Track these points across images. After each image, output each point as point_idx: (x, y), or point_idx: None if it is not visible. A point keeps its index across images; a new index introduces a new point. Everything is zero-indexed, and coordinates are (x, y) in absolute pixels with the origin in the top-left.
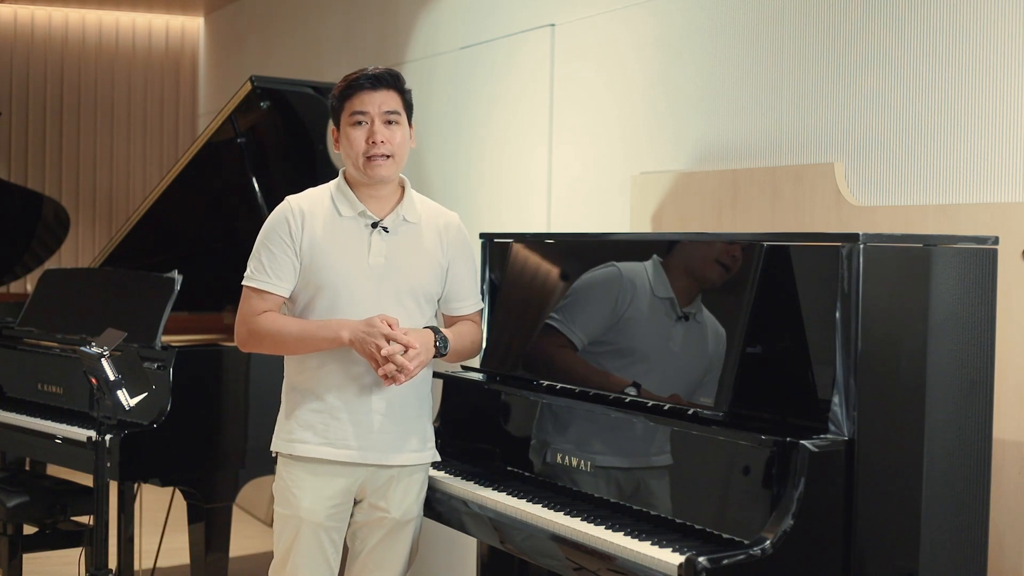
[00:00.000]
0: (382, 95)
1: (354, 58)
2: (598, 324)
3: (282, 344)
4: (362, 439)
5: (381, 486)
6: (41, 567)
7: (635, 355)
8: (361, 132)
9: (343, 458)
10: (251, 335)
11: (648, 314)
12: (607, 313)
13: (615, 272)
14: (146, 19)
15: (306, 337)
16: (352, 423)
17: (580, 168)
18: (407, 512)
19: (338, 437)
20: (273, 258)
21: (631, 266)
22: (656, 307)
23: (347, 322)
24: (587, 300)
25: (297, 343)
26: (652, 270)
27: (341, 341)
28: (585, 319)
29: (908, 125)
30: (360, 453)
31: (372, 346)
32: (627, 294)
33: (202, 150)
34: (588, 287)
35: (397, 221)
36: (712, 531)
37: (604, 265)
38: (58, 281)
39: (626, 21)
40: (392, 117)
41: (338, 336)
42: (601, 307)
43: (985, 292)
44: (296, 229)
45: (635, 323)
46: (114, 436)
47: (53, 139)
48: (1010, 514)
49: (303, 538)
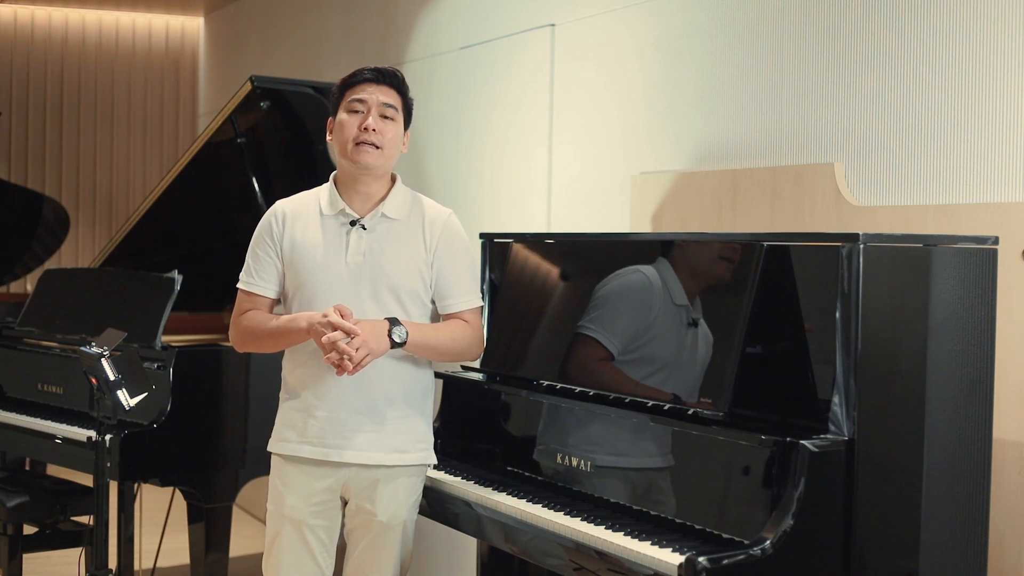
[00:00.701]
0: (383, 89)
1: (354, 58)
2: (631, 333)
3: (259, 340)
4: (340, 438)
5: (366, 487)
6: (41, 567)
7: (656, 363)
8: (356, 119)
9: (320, 456)
10: (235, 333)
11: (669, 323)
12: (640, 322)
13: (645, 280)
14: (146, 19)
15: (276, 332)
16: (329, 421)
17: (580, 168)
18: (394, 516)
19: (315, 435)
20: (258, 260)
21: (651, 271)
22: (676, 315)
23: (308, 314)
24: (623, 309)
25: (271, 338)
26: (668, 277)
27: (302, 331)
28: (621, 329)
29: (908, 125)
30: (338, 452)
31: (318, 335)
32: (658, 302)
33: (202, 150)
34: (620, 295)
35: (376, 218)
36: (712, 531)
37: (628, 271)
38: (58, 281)
39: (626, 21)
40: (389, 112)
41: (299, 327)
42: (636, 316)
43: (985, 292)
44: (277, 231)
45: (660, 332)
46: (114, 436)
47: (53, 139)
48: (1010, 514)
49: (285, 534)
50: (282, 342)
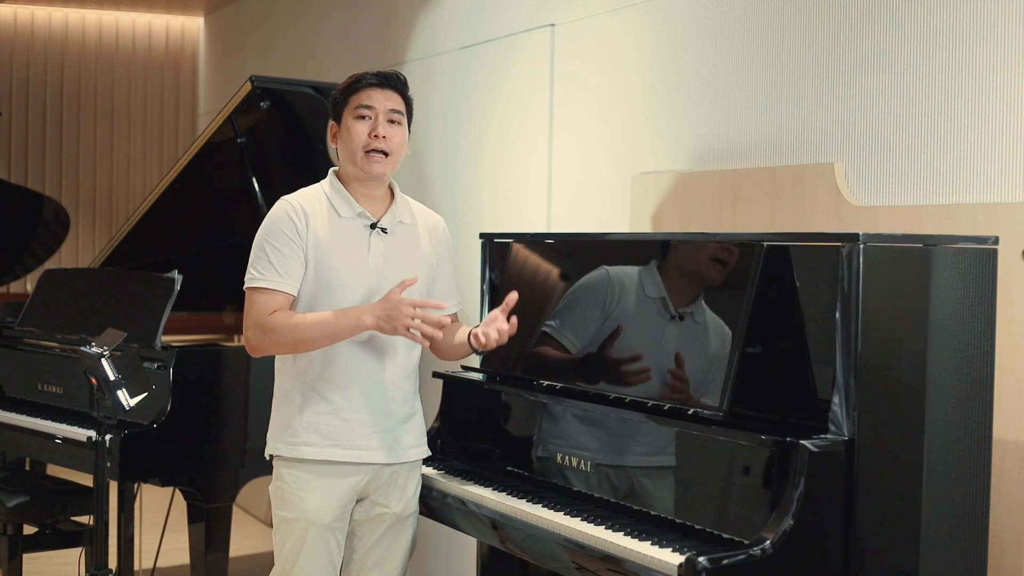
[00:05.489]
0: (389, 94)
1: (354, 58)
2: (588, 327)
3: (302, 339)
4: (369, 438)
5: (384, 483)
6: (41, 567)
7: (625, 354)
8: (364, 126)
9: (352, 459)
10: (266, 335)
11: (636, 314)
12: (596, 315)
13: (603, 274)
14: (146, 19)
15: (326, 328)
16: (358, 423)
17: (580, 168)
18: (407, 506)
19: (345, 438)
20: (282, 257)
21: (623, 268)
22: (646, 306)
23: (366, 307)
24: (577, 304)
25: (318, 335)
26: (645, 271)
27: (364, 326)
28: (576, 323)
29: (908, 125)
30: (369, 453)
31: (402, 317)
32: (614, 294)
33: (202, 150)
34: (578, 291)
35: (394, 222)
36: (712, 531)
37: (596, 269)
38: (58, 281)
39: (626, 21)
40: (395, 117)
41: (360, 322)
42: (590, 310)
43: (985, 292)
44: (302, 227)
45: (623, 323)
46: (114, 436)
47: (53, 139)
48: (1010, 514)
49: (311, 541)
50: (329, 338)
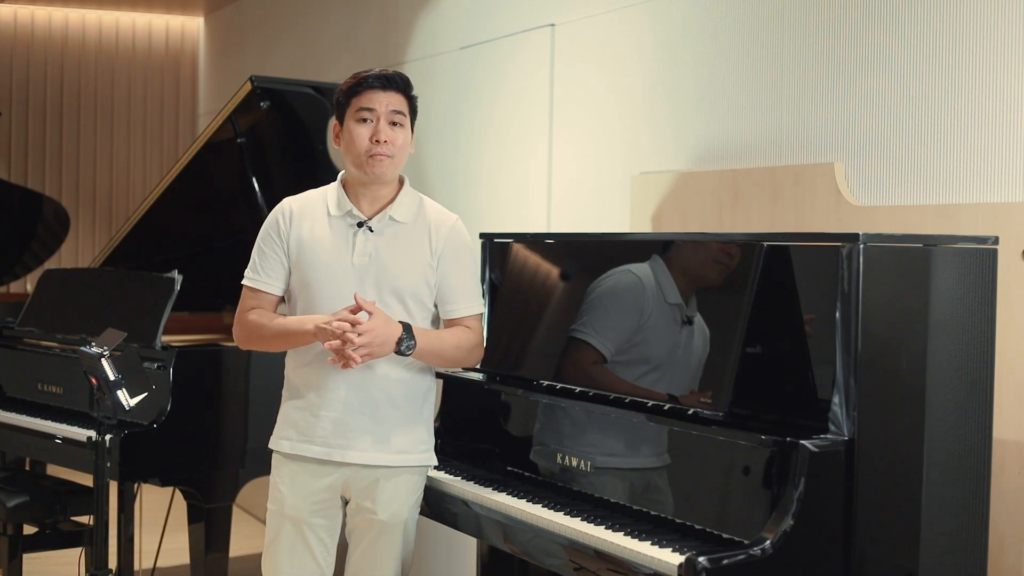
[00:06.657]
0: (390, 95)
1: (354, 58)
2: (623, 334)
3: (265, 339)
4: (343, 438)
5: (367, 486)
6: (41, 567)
7: (650, 363)
8: (366, 129)
9: (323, 456)
10: (240, 330)
11: (663, 321)
12: (633, 323)
13: (636, 280)
14: (146, 19)
15: (283, 332)
16: (331, 421)
17: (580, 168)
18: (395, 515)
19: (317, 435)
20: (264, 257)
21: (644, 271)
22: (669, 314)
23: (316, 316)
24: (614, 310)
25: (278, 338)
26: (661, 275)
27: (309, 333)
28: (613, 330)
29: (908, 125)
30: (340, 452)
31: (328, 336)
32: (650, 302)
33: (202, 150)
34: (612, 296)
35: (384, 221)
36: (712, 531)
37: (619, 271)
38: (58, 281)
39: (626, 21)
40: (397, 118)
41: (307, 330)
42: (629, 317)
43: (985, 292)
44: (284, 228)
45: (653, 331)
46: (114, 436)
47: (53, 139)
48: (1010, 514)
49: (287, 534)
50: (288, 342)
